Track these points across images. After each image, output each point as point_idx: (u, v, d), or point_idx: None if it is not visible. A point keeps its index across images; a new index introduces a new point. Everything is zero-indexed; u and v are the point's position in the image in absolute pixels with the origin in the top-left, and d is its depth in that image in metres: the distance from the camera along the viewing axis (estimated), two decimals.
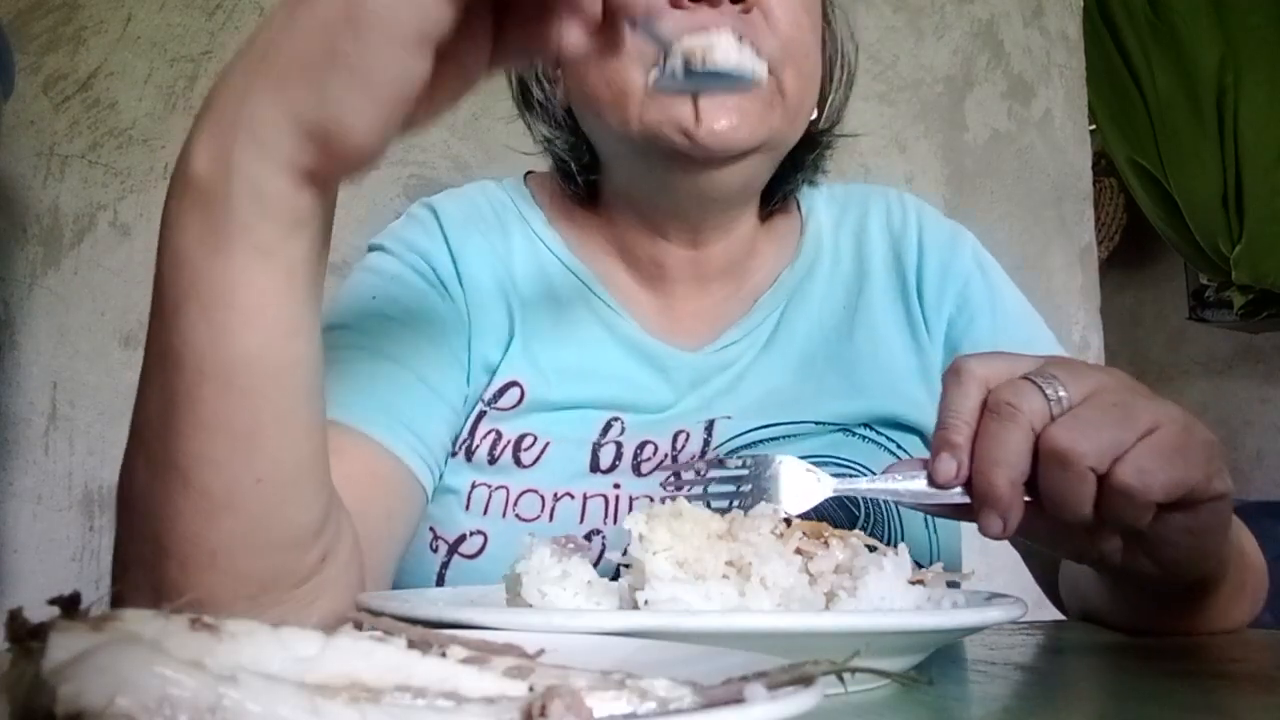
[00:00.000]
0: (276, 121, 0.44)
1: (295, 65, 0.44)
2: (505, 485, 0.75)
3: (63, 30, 1.42)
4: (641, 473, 0.76)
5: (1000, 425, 0.52)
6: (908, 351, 0.84)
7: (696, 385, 0.81)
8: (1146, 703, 0.47)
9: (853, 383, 0.81)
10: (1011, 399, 0.52)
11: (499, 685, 0.28)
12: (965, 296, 0.85)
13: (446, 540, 0.74)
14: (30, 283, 1.39)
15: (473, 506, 0.74)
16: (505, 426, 0.76)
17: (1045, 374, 0.54)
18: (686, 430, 0.78)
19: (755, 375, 0.82)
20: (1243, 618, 0.70)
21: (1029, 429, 0.52)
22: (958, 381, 0.55)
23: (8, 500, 1.36)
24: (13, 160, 1.39)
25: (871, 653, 0.32)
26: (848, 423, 0.80)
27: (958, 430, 0.54)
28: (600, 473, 0.76)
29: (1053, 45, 1.97)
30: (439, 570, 0.74)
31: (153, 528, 0.50)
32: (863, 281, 0.86)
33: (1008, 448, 0.52)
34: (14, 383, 1.36)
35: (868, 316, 0.84)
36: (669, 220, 0.81)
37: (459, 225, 0.82)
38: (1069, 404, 0.52)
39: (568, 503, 0.74)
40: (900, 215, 0.89)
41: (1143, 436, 0.52)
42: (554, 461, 0.75)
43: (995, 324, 0.84)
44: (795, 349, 0.83)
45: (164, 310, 0.48)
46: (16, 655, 0.24)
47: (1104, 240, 3.10)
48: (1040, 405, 0.52)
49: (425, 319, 0.77)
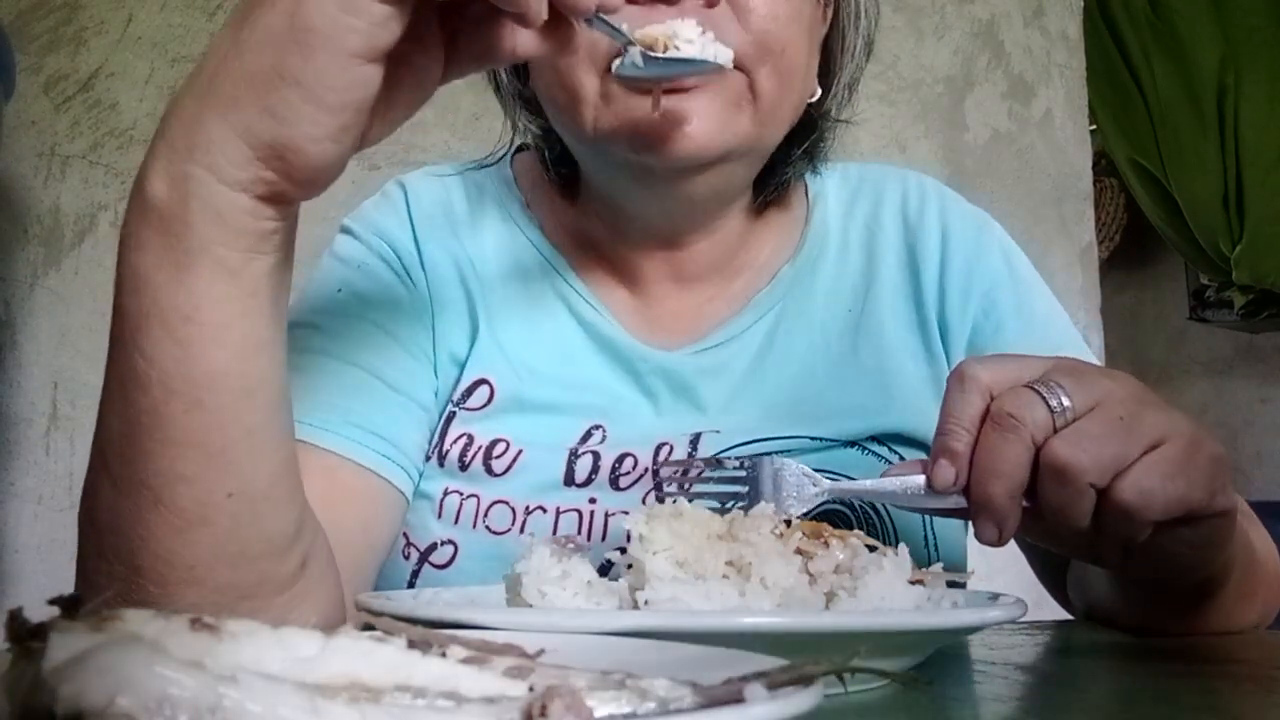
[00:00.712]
0: (231, 142, 0.44)
1: (244, 85, 0.44)
2: (476, 494, 0.72)
3: (64, 31, 1.42)
4: (620, 487, 0.72)
5: (1001, 437, 0.52)
6: (917, 360, 0.78)
7: (678, 392, 0.76)
8: (1147, 703, 0.47)
9: (855, 398, 0.76)
10: (1013, 410, 0.51)
11: (499, 685, 0.28)
12: (993, 300, 0.79)
13: (418, 548, 0.72)
14: (31, 283, 1.39)
15: (444, 514, 0.72)
16: (477, 429, 0.73)
17: (1050, 381, 0.52)
18: (670, 443, 0.73)
19: (747, 385, 0.77)
20: (1252, 618, 0.69)
21: (1030, 441, 0.51)
22: (961, 387, 0.54)
23: (9, 500, 1.36)
24: (14, 160, 1.39)
25: (871, 653, 0.32)
26: (850, 438, 0.75)
27: (957, 437, 0.53)
28: (575, 486, 0.72)
29: (1053, 45, 1.97)
30: (409, 579, 0.72)
31: (125, 547, 0.50)
32: (871, 279, 0.80)
33: (1007, 460, 0.51)
34: (14, 383, 1.36)
35: (875, 320, 0.78)
36: (640, 223, 0.76)
37: (426, 208, 0.79)
38: (1073, 414, 0.51)
39: (539, 516, 0.71)
40: (918, 203, 0.82)
41: (1147, 451, 0.51)
42: (527, 471, 0.72)
43: (1023, 330, 0.78)
44: (794, 356, 0.77)
45: (126, 330, 0.48)
46: (17, 655, 0.24)
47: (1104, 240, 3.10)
48: (1043, 416, 0.51)
49: (390, 313, 0.75)
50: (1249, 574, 0.65)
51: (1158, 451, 0.51)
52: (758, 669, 0.29)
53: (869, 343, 0.78)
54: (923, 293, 0.79)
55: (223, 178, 0.45)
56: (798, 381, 0.77)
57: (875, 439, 0.75)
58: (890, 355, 0.78)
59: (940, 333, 0.79)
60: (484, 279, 0.78)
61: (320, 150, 0.45)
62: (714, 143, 0.66)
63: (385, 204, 0.81)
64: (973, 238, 0.80)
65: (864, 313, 0.79)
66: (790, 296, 0.79)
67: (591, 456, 0.73)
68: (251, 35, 0.44)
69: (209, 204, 0.45)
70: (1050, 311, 0.81)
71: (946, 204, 0.82)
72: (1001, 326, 0.78)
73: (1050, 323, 0.80)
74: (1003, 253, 0.81)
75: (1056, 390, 0.52)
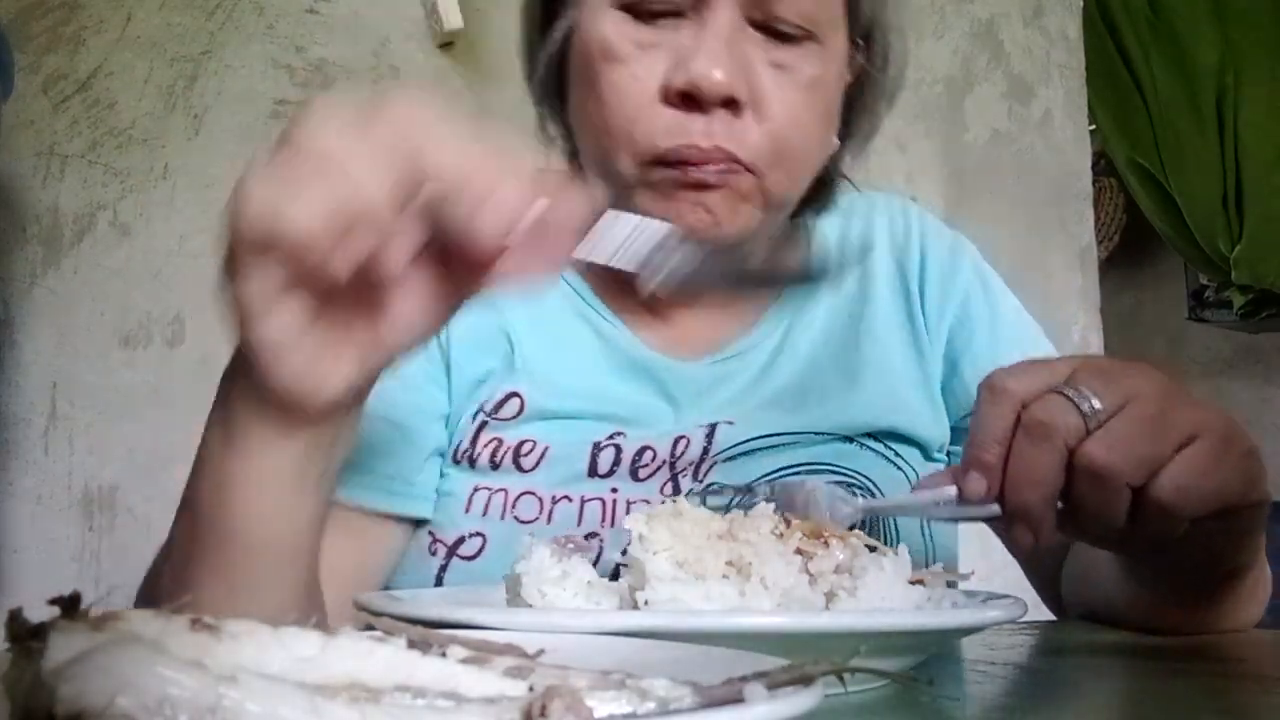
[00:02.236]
0: (246, 400, 0.47)
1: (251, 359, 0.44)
2: (505, 488, 0.75)
3: (62, 30, 1.42)
4: (639, 478, 0.76)
5: (1034, 445, 0.52)
6: (910, 361, 0.84)
7: (697, 398, 0.80)
8: (1147, 703, 0.47)
9: (856, 393, 0.81)
10: (1045, 418, 0.52)
11: (499, 685, 0.28)
12: (965, 309, 0.85)
13: (445, 543, 0.74)
14: (30, 283, 1.39)
15: (473, 509, 0.74)
16: (507, 435, 0.76)
17: (1078, 384, 0.53)
18: (687, 436, 0.77)
19: (759, 387, 0.81)
20: (1253, 617, 0.70)
21: (1063, 447, 0.52)
22: (993, 399, 0.54)
23: (8, 500, 1.36)
24: (13, 160, 1.39)
25: (871, 653, 0.32)
26: (849, 432, 0.79)
27: (989, 449, 0.53)
28: (598, 477, 0.76)
29: (1053, 45, 1.97)
30: (437, 573, 0.74)
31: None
32: (867, 292, 0.86)
33: (1042, 467, 0.52)
34: (14, 383, 1.36)
35: (871, 326, 0.84)
36: None
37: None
38: (1105, 414, 0.52)
39: (565, 505, 0.74)
40: (903, 226, 0.88)
41: (1180, 447, 0.51)
42: (553, 465, 0.75)
43: (994, 337, 0.84)
44: (800, 359, 0.83)
45: (192, 466, 0.52)
46: (16, 655, 0.24)
47: (1104, 240, 3.10)
48: (1075, 422, 0.51)
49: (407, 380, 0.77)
50: (1260, 571, 0.66)
51: (1191, 448, 0.52)
52: (758, 669, 0.29)
53: (867, 343, 0.83)
54: (910, 301, 0.85)
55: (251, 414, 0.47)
56: (803, 381, 0.81)
57: (872, 435, 0.79)
58: (886, 359, 0.83)
59: (928, 336, 0.85)
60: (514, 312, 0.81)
61: (334, 394, 0.46)
62: (721, 231, 0.70)
63: None
64: (947, 256, 0.87)
65: (862, 318, 0.85)
66: (797, 311, 0.85)
67: (614, 450, 0.76)
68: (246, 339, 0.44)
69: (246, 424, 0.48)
70: (1019, 321, 0.87)
71: (926, 228, 0.89)
72: (974, 334, 0.84)
73: (1019, 332, 0.86)
74: (975, 269, 0.87)
75: (1085, 393, 0.52)
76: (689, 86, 0.67)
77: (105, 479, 1.37)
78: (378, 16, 1.53)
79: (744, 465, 0.77)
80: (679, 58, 0.68)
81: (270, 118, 1.48)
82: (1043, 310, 0.90)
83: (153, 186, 1.43)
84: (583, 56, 0.72)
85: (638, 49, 0.69)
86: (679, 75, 0.67)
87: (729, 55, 0.67)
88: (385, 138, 0.39)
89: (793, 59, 0.70)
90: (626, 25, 0.70)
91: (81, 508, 1.37)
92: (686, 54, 0.67)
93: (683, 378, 0.80)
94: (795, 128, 0.71)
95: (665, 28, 0.69)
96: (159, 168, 1.44)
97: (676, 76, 0.67)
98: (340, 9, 1.52)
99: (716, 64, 0.67)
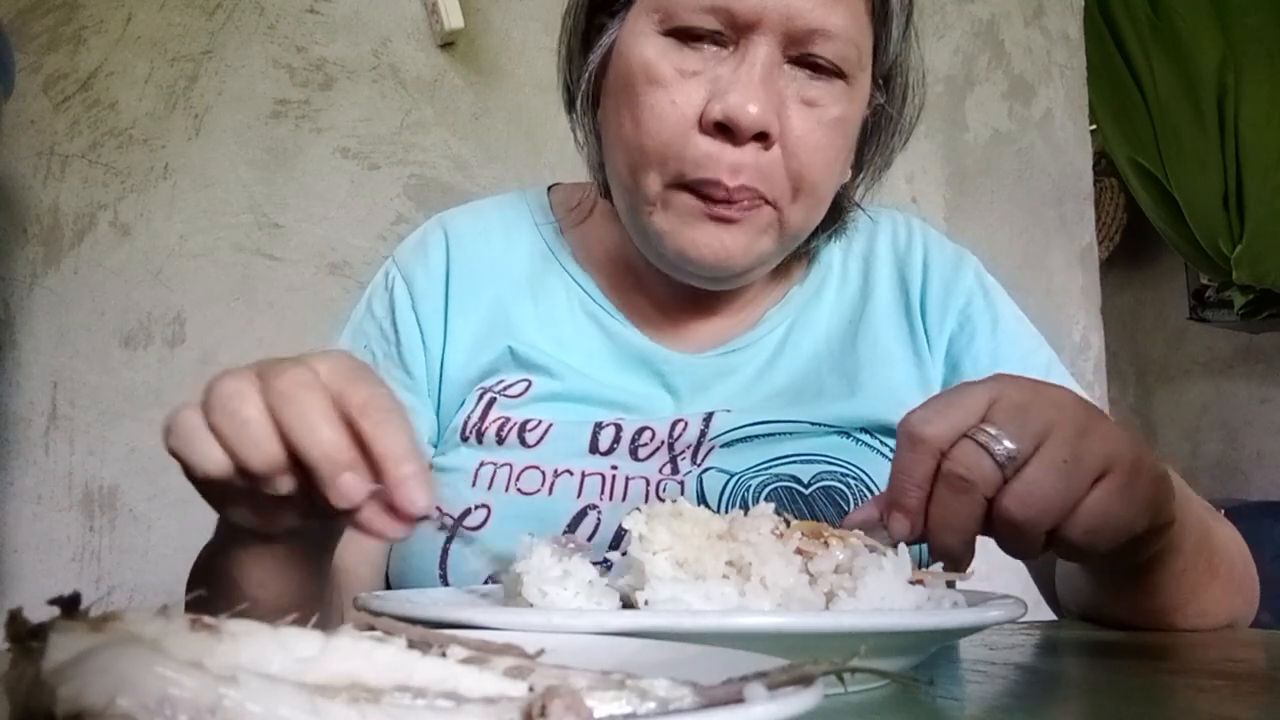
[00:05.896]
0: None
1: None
2: (509, 462, 0.77)
3: (63, 30, 1.42)
4: (639, 457, 0.78)
5: (954, 497, 0.54)
6: (908, 364, 0.86)
7: (698, 390, 0.83)
8: (1146, 703, 0.47)
9: (853, 388, 0.83)
10: (963, 471, 0.54)
11: (499, 685, 0.28)
12: (967, 315, 0.87)
13: (451, 516, 0.77)
14: (30, 283, 1.39)
15: (478, 483, 0.77)
16: (514, 413, 0.80)
17: (992, 428, 0.54)
18: (685, 420, 0.80)
19: (760, 380, 0.84)
20: (1226, 605, 0.71)
21: (980, 499, 0.54)
22: (910, 446, 0.56)
23: (8, 500, 1.36)
24: (13, 160, 1.39)
25: (871, 653, 0.32)
26: (845, 426, 0.81)
27: (910, 494, 0.56)
28: (599, 454, 0.78)
29: (1053, 45, 1.97)
30: (444, 545, 0.76)
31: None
32: (868, 297, 0.89)
33: (962, 517, 0.55)
34: (14, 383, 1.36)
35: (871, 328, 0.87)
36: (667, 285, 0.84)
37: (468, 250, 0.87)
38: (1019, 458, 0.53)
39: (566, 479, 0.77)
40: (906, 237, 0.91)
41: (1094, 483, 0.54)
42: (556, 441, 0.78)
43: (995, 341, 0.86)
44: (801, 356, 0.86)
45: (207, 544, 0.62)
46: (16, 655, 0.24)
47: (1104, 240, 3.10)
48: (991, 471, 0.54)
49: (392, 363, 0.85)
50: (1205, 554, 0.68)
51: (1101, 486, 0.54)
52: (758, 669, 0.29)
53: (866, 344, 0.86)
54: (910, 308, 0.88)
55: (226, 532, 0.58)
56: (802, 375, 0.85)
57: (864, 429, 0.81)
58: (884, 355, 0.86)
59: (927, 342, 0.88)
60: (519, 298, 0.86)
61: (275, 533, 0.54)
62: (734, 264, 0.75)
63: (420, 252, 0.88)
64: (950, 263, 0.90)
65: (862, 320, 0.88)
66: (800, 312, 0.88)
67: (614, 429, 0.80)
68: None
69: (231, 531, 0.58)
70: (1020, 328, 0.89)
71: (929, 239, 0.92)
72: (974, 338, 0.86)
73: (1020, 338, 0.88)
74: (977, 277, 0.90)
75: (999, 438, 0.54)
76: (725, 118, 0.70)
77: (105, 479, 1.37)
78: (378, 16, 1.53)
79: (741, 452, 0.78)
80: (718, 88, 0.71)
81: (270, 118, 1.48)
82: (1043, 310, 0.90)
83: (153, 186, 1.43)
84: (624, 75, 0.75)
85: (679, 75, 0.72)
86: (716, 106, 0.70)
87: (765, 91, 0.70)
88: (259, 417, 0.48)
89: (822, 96, 0.73)
90: (671, 51, 0.73)
91: (81, 508, 1.37)
92: (725, 86, 0.70)
93: (684, 369, 0.83)
94: (818, 164, 0.74)
95: (707, 56, 0.72)
96: (159, 168, 1.44)
97: (714, 107, 0.70)
98: (340, 9, 1.52)
99: (753, 99, 0.69)
